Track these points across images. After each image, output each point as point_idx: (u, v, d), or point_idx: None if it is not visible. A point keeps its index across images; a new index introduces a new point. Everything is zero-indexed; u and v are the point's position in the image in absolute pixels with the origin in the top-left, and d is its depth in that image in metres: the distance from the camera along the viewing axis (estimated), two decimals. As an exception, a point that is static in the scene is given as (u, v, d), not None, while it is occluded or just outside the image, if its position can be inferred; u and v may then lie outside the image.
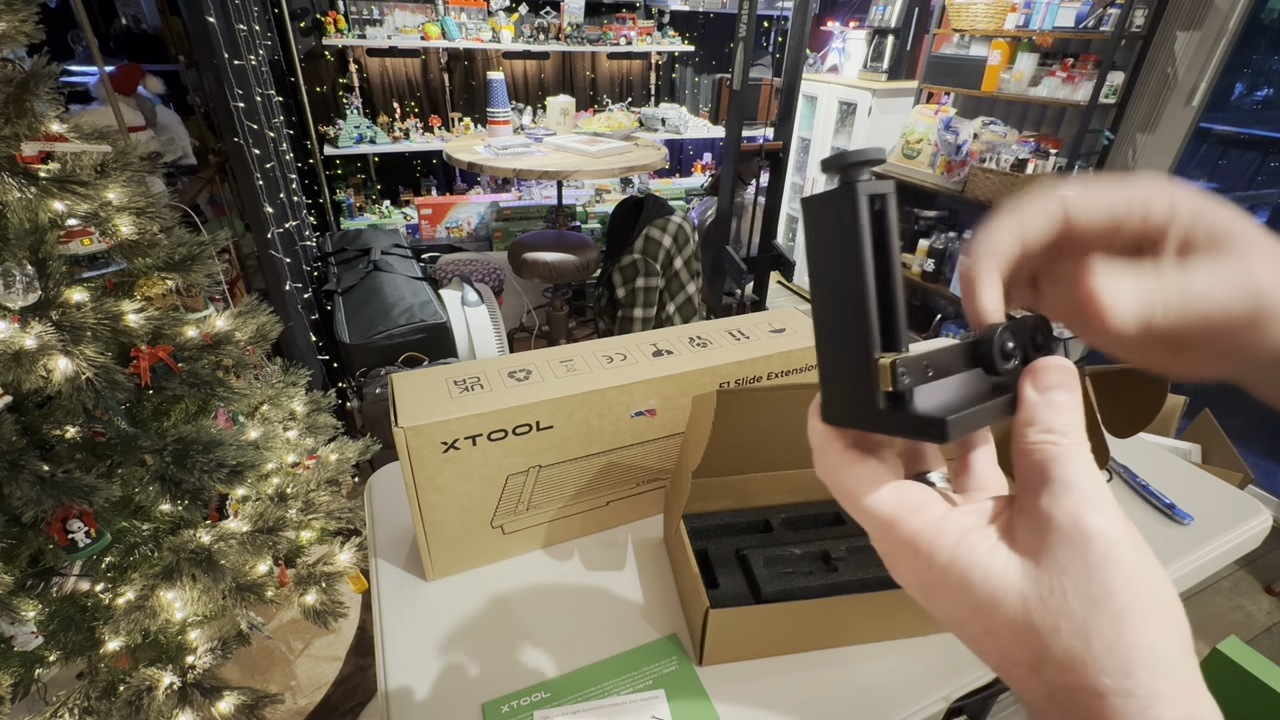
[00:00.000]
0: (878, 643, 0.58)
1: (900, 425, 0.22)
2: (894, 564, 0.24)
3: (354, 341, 1.89)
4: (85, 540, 0.82)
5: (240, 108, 1.55)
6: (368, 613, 1.53)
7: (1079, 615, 0.19)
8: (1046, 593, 0.19)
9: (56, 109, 0.81)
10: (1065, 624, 0.19)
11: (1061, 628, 0.19)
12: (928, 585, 0.22)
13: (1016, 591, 0.20)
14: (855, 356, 0.22)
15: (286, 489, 1.13)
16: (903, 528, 0.22)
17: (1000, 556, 0.21)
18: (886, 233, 0.22)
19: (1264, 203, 2.55)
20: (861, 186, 0.21)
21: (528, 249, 2.17)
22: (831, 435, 0.25)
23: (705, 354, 0.62)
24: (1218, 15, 2.08)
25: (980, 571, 0.21)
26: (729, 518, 0.65)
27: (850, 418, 0.24)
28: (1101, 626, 0.18)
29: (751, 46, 2.23)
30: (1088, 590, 0.19)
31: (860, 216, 0.21)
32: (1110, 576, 0.19)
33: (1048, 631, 0.19)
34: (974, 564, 0.21)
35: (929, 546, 0.22)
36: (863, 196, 0.21)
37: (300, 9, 2.61)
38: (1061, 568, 0.19)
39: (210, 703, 0.93)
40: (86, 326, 0.77)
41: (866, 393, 0.22)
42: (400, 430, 0.52)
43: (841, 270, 0.22)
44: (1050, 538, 0.20)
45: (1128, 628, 0.18)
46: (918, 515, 0.22)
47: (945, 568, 0.21)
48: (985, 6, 2.51)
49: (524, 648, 0.57)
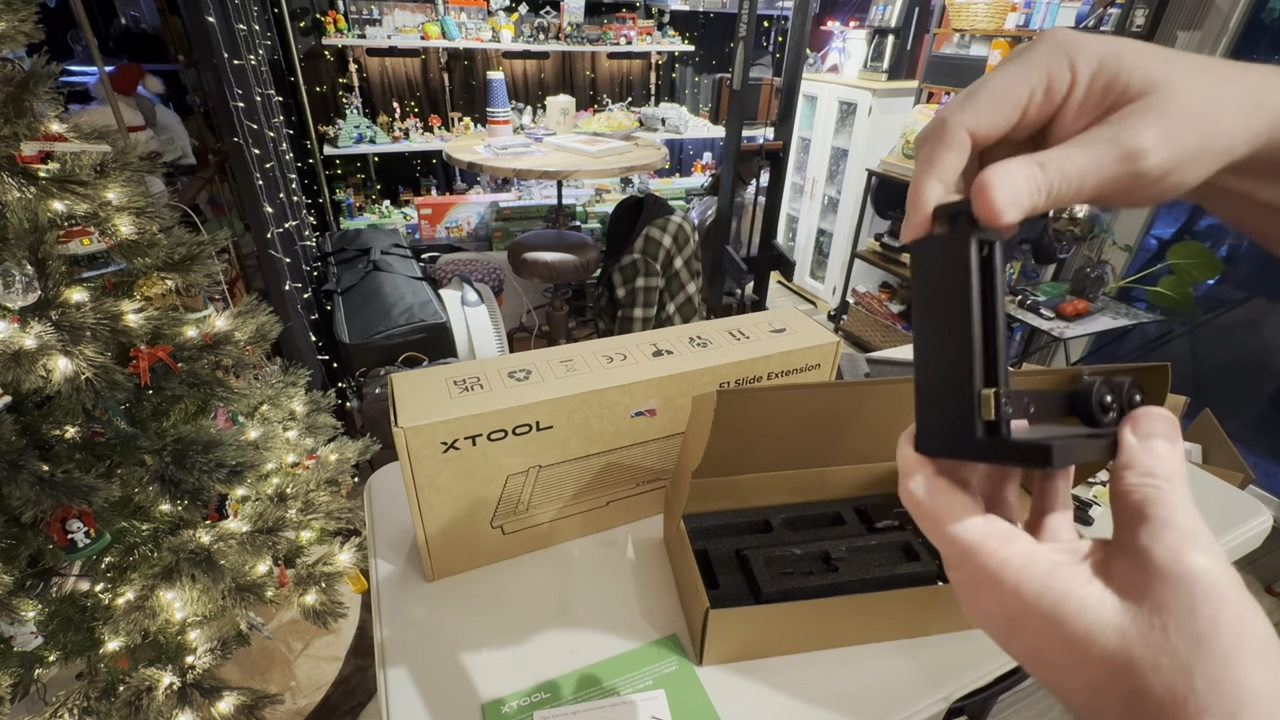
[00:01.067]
0: (878, 643, 0.58)
1: (1002, 453, 0.23)
2: (974, 593, 0.23)
3: (354, 341, 1.89)
4: (85, 540, 0.82)
5: (240, 107, 1.55)
6: (367, 613, 1.53)
7: (1182, 652, 0.18)
8: (1146, 628, 0.19)
9: (56, 109, 0.81)
10: (1166, 660, 0.18)
11: (1163, 664, 0.18)
12: (1013, 617, 0.22)
13: (1115, 625, 0.19)
14: (958, 388, 0.24)
15: (286, 489, 1.13)
16: (990, 555, 0.22)
17: (1096, 590, 0.20)
18: (993, 276, 0.23)
19: (1264, 202, 2.55)
20: (975, 233, 0.23)
21: (528, 249, 2.17)
22: (922, 462, 0.25)
23: (705, 354, 0.62)
24: (1218, 15, 2.08)
25: (1075, 603, 0.20)
26: (729, 518, 0.65)
27: (946, 447, 0.25)
28: (1206, 665, 0.18)
29: (751, 46, 2.23)
30: (1192, 627, 0.18)
31: (971, 260, 0.23)
32: (1216, 614, 0.18)
33: (1148, 667, 0.18)
34: (1069, 595, 0.20)
35: (1017, 575, 0.21)
36: (974, 241, 0.23)
37: (300, 9, 2.61)
38: (1162, 603, 0.19)
39: (210, 703, 0.93)
40: (86, 326, 0.77)
41: (966, 422, 0.23)
42: (400, 430, 0.51)
43: (950, 308, 0.24)
44: (1150, 574, 0.19)
45: (1234, 668, 0.18)
46: (1006, 545, 0.22)
47: (1036, 598, 0.21)
48: (985, 6, 2.51)
49: (524, 648, 0.57)
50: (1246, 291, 2.46)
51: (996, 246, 0.23)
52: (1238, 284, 2.50)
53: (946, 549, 0.24)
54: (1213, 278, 2.10)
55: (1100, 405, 0.24)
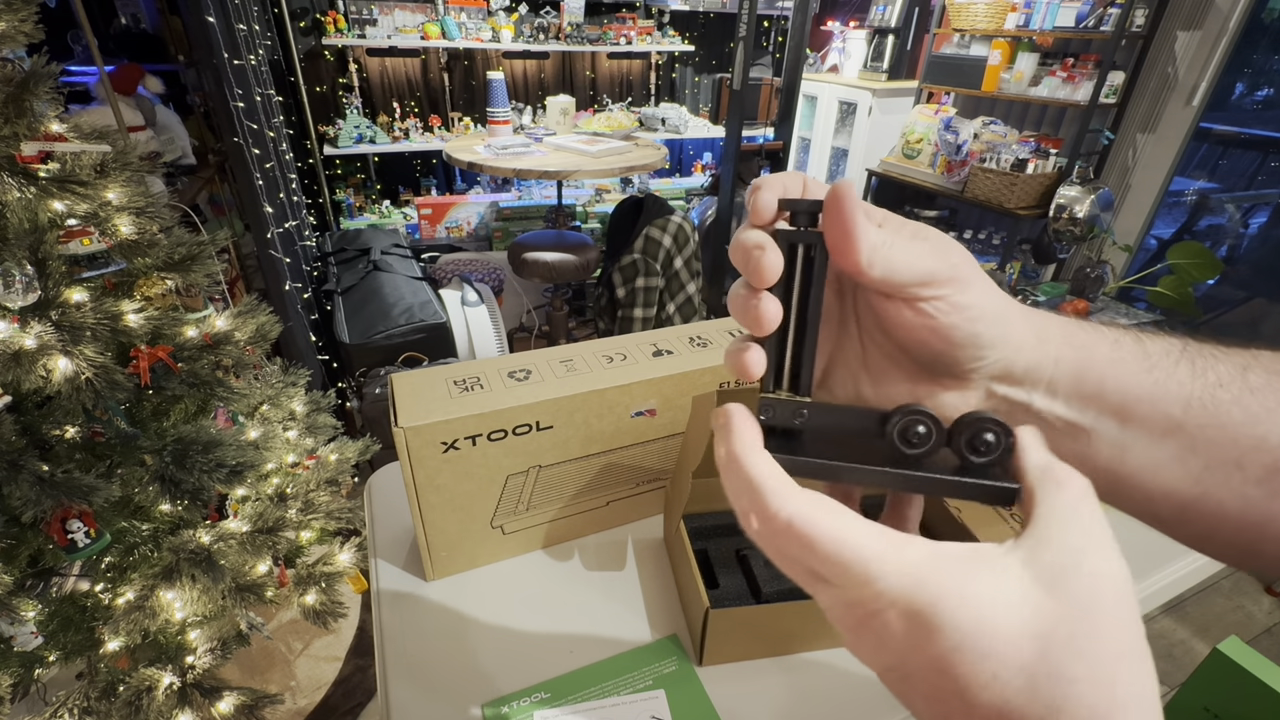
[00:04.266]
0: (878, 643, 0.58)
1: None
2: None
3: (354, 341, 1.89)
4: (85, 540, 0.82)
5: (240, 107, 1.55)
6: (367, 613, 1.53)
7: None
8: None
9: (56, 109, 0.81)
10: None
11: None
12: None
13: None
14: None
15: (286, 489, 1.13)
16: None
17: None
18: (808, 276, 0.24)
19: (1264, 202, 2.56)
20: (789, 234, 0.24)
21: (528, 249, 2.17)
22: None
23: (705, 354, 0.62)
24: (1218, 15, 2.08)
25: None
26: (729, 518, 0.65)
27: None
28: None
29: (751, 46, 2.23)
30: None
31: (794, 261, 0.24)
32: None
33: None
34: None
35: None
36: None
37: (300, 9, 2.61)
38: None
39: (210, 703, 0.93)
40: (86, 326, 0.77)
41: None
42: (400, 430, 0.51)
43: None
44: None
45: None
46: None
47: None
48: (985, 6, 2.51)
49: (524, 648, 0.57)
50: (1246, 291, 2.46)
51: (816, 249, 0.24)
52: (1237, 284, 2.51)
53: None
54: (1213, 278, 2.10)
55: (903, 437, 0.24)
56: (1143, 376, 0.26)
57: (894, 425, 0.24)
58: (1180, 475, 0.26)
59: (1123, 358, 0.26)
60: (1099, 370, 0.26)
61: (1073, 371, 0.26)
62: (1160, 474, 0.26)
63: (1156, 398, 0.26)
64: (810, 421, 0.25)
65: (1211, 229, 2.60)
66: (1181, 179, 2.43)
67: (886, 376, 0.28)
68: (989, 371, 0.26)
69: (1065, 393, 0.26)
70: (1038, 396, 0.27)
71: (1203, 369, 0.26)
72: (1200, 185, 2.59)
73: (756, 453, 0.23)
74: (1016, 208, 2.42)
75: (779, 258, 0.23)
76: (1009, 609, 0.19)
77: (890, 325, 0.26)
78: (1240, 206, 2.58)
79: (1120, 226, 2.45)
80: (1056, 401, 0.27)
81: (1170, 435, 0.26)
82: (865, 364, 0.29)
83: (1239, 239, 2.57)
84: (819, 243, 0.24)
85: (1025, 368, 0.26)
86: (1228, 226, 2.56)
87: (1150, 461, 0.26)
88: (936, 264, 0.24)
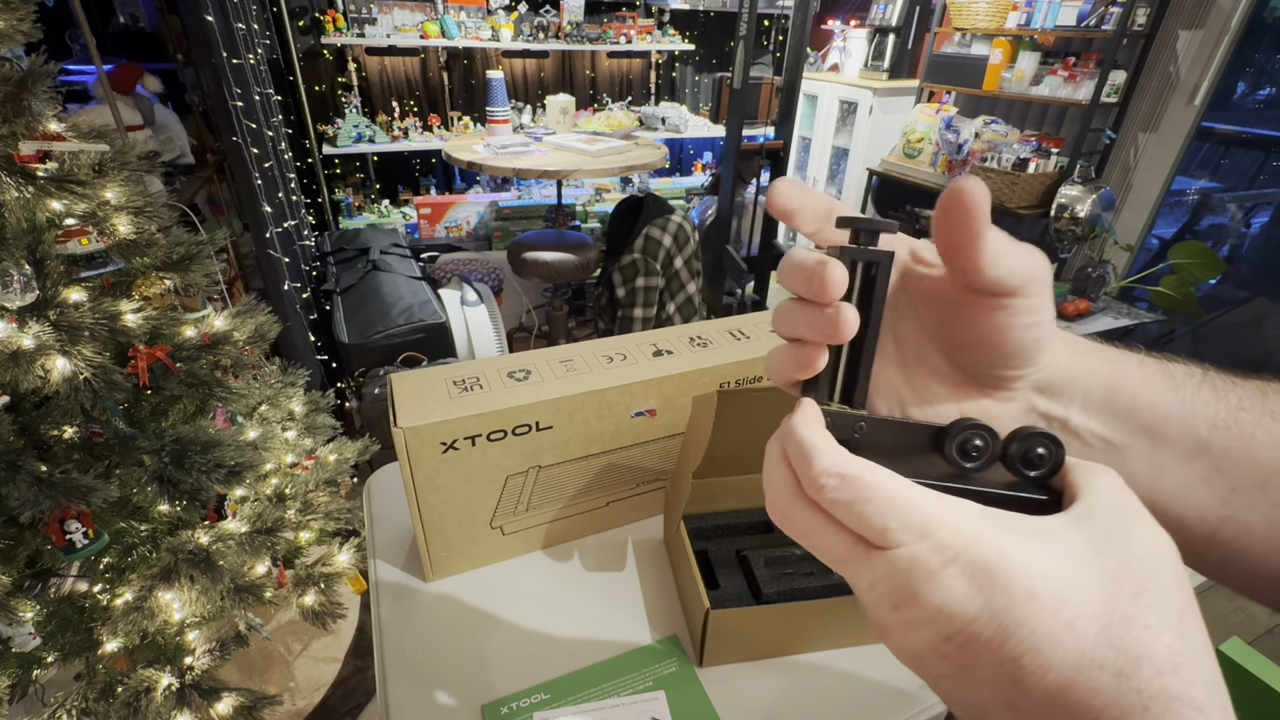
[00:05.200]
0: (879, 644, 0.58)
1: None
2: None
3: (353, 341, 1.89)
4: (83, 541, 0.82)
5: (239, 107, 1.54)
6: (366, 614, 1.53)
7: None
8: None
9: (54, 108, 0.81)
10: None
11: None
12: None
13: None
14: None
15: (285, 489, 1.13)
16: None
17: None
18: (869, 294, 0.25)
19: (1266, 202, 2.55)
20: (852, 253, 0.25)
21: (527, 248, 2.17)
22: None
23: (705, 354, 0.62)
24: (1220, 14, 2.08)
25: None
26: (729, 518, 0.65)
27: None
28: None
29: (752, 45, 2.22)
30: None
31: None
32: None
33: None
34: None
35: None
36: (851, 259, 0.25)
37: (299, 8, 2.60)
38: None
39: (208, 704, 0.92)
40: (84, 326, 0.77)
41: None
42: (399, 431, 0.51)
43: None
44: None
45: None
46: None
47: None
48: (987, 5, 2.50)
49: (523, 649, 0.57)
50: (1248, 291, 2.45)
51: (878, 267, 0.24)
52: (1239, 284, 2.50)
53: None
54: (1214, 277, 2.10)
55: (961, 449, 0.24)
56: (1170, 395, 0.26)
57: (953, 438, 0.24)
58: (1209, 497, 0.26)
59: (1150, 376, 0.27)
60: (1131, 387, 0.27)
61: (1105, 386, 0.27)
62: (1191, 496, 0.26)
63: (1185, 416, 0.26)
64: (868, 435, 0.25)
65: (1213, 228, 2.59)
66: (1183, 178, 2.43)
67: (929, 391, 0.28)
68: (1032, 381, 0.27)
69: (1099, 408, 0.27)
70: (1074, 411, 0.27)
71: (1224, 391, 0.27)
72: (1202, 185, 2.58)
73: (815, 425, 0.23)
74: (1018, 207, 2.41)
75: (844, 272, 0.24)
76: (1073, 561, 0.19)
77: (963, 330, 0.26)
78: (1242, 206, 2.57)
79: (1122, 226, 2.45)
80: (1091, 417, 0.27)
81: (1199, 456, 0.26)
82: (907, 380, 0.29)
83: (1241, 238, 2.57)
84: (885, 261, 0.24)
85: (1064, 379, 0.27)
86: (1229, 226, 2.56)
87: (1182, 483, 0.26)
88: (1037, 267, 0.24)
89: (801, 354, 0.25)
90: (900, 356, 0.29)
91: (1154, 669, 0.17)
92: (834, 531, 0.21)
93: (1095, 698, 0.17)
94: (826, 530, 0.21)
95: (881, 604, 0.21)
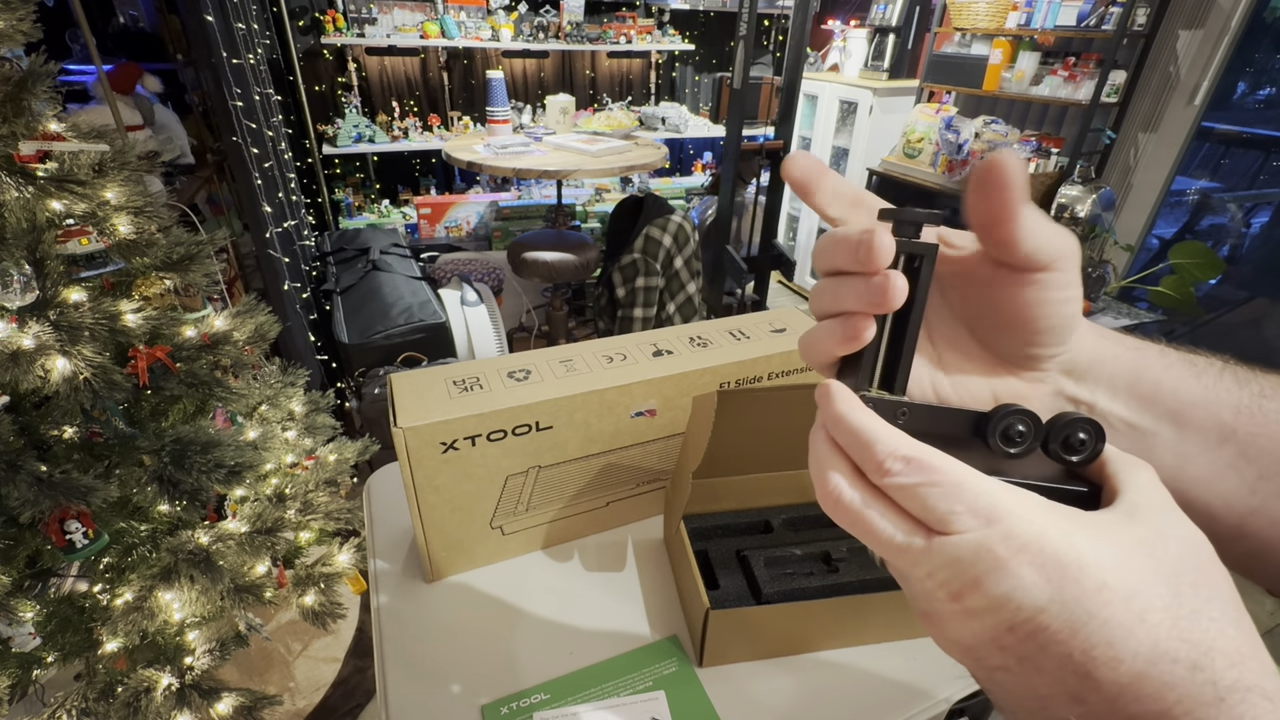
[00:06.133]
0: (879, 644, 0.58)
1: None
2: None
3: (353, 341, 1.89)
4: (83, 541, 0.82)
5: (238, 107, 1.54)
6: (366, 614, 1.53)
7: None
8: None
9: (54, 108, 0.81)
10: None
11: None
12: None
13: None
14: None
15: (285, 489, 1.13)
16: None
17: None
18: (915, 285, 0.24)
19: (1266, 202, 2.55)
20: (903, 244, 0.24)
21: (527, 248, 2.17)
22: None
23: (705, 354, 0.62)
24: (1220, 14, 2.08)
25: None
26: (729, 518, 0.65)
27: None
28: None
29: (752, 45, 2.22)
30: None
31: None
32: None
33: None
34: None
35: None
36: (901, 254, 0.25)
37: (299, 8, 2.60)
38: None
39: (208, 704, 0.92)
40: (84, 326, 0.77)
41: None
42: (399, 431, 0.51)
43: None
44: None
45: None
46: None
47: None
48: (987, 5, 2.50)
49: (523, 649, 0.57)
50: (1248, 291, 2.45)
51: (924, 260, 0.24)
52: (1239, 284, 2.50)
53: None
54: (1214, 277, 2.10)
55: (1003, 434, 0.24)
56: (1193, 382, 0.27)
57: (996, 424, 0.24)
58: (1237, 484, 0.26)
59: (1172, 363, 0.27)
60: (1154, 373, 0.27)
61: (1130, 371, 0.27)
62: (1218, 484, 0.26)
63: (1209, 402, 0.26)
64: (910, 421, 0.24)
65: (1213, 228, 2.59)
66: (1183, 178, 2.42)
67: (961, 372, 0.28)
68: (1061, 363, 0.27)
69: (1125, 393, 0.27)
70: (1101, 395, 0.27)
71: (1245, 379, 0.27)
72: (1202, 185, 2.58)
73: (863, 410, 0.22)
74: (1017, 207, 2.41)
75: (892, 239, 0.23)
76: (1136, 555, 0.19)
77: (996, 308, 0.26)
78: (1242, 206, 2.57)
79: (1122, 226, 2.44)
80: (1118, 401, 0.27)
81: (1225, 442, 0.26)
82: (940, 362, 0.29)
83: (1241, 238, 2.57)
84: (930, 253, 0.24)
85: (1089, 363, 0.27)
86: (1230, 226, 2.56)
87: (1209, 470, 0.26)
88: (1069, 243, 0.25)
89: (848, 325, 0.24)
90: (930, 339, 0.29)
91: (1226, 661, 0.17)
92: (893, 518, 0.21)
93: (1170, 690, 0.17)
94: (885, 517, 0.21)
95: (939, 592, 0.20)
